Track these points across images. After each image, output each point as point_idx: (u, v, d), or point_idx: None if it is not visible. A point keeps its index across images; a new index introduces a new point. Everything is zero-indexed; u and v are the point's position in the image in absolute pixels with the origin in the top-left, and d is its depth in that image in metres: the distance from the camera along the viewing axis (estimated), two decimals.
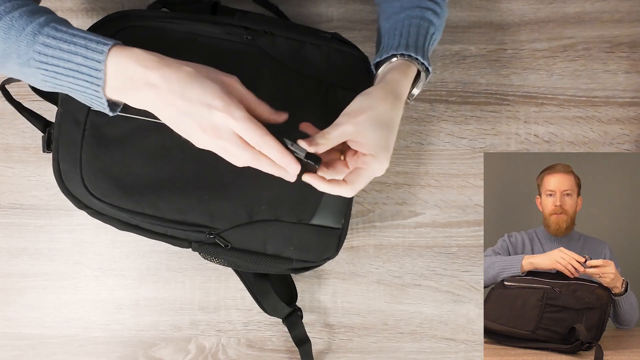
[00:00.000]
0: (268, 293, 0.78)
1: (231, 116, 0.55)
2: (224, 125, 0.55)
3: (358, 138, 0.60)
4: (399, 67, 0.65)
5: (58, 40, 0.55)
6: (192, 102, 0.55)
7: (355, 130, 0.59)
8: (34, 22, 0.56)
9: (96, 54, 0.55)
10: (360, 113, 0.60)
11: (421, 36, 0.67)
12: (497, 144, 0.86)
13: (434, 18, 0.68)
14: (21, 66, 0.56)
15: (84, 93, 0.57)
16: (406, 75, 0.65)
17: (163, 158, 0.69)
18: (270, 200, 0.71)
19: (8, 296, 0.86)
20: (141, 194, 0.69)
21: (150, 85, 0.56)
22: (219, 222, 0.70)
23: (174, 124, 0.58)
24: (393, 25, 0.68)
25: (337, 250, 0.74)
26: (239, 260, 0.72)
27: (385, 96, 0.62)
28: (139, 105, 0.58)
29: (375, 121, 0.60)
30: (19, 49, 0.55)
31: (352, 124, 0.60)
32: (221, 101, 0.55)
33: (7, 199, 0.85)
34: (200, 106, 0.55)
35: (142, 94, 0.56)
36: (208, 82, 0.56)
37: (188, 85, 0.55)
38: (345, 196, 0.62)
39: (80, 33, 0.56)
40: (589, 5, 0.85)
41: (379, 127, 0.60)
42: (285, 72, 0.70)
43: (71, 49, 0.55)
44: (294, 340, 0.82)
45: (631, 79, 0.85)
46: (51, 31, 0.55)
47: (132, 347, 0.86)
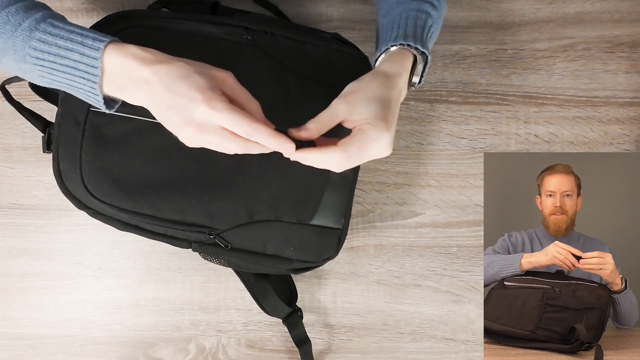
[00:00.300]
0: (268, 293, 0.77)
1: (212, 108, 0.53)
2: (207, 118, 0.54)
3: (352, 116, 0.58)
4: (391, 55, 0.64)
5: (54, 37, 0.55)
6: (178, 95, 0.54)
7: (348, 108, 0.58)
8: (31, 18, 0.55)
9: (92, 50, 0.54)
10: (352, 94, 0.59)
11: (419, 27, 0.65)
12: (497, 144, 0.86)
13: (432, 10, 0.67)
14: (17, 62, 0.56)
15: (80, 90, 0.56)
16: (398, 61, 0.63)
17: (163, 158, 0.69)
18: (270, 200, 0.70)
19: (8, 296, 0.86)
20: (141, 194, 0.69)
21: (144, 80, 0.55)
22: (219, 223, 0.70)
23: (163, 119, 0.57)
24: (390, 20, 0.67)
25: (337, 250, 0.74)
26: (239, 260, 0.72)
27: (374, 77, 0.61)
28: (135, 101, 0.57)
29: (368, 98, 0.58)
30: (14, 45, 0.55)
31: (345, 103, 0.58)
32: (202, 94, 0.53)
33: (7, 199, 0.85)
34: (185, 100, 0.54)
35: (137, 90, 0.55)
36: (196, 77, 0.54)
37: (177, 79, 0.54)
38: (335, 167, 0.58)
39: (76, 29, 0.56)
40: (589, 5, 0.85)
41: (373, 102, 0.58)
42: (285, 72, 0.70)
43: (67, 45, 0.54)
44: (294, 340, 0.81)
45: (631, 79, 0.85)
46: (48, 27, 0.55)
47: (132, 347, 0.86)
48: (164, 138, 0.68)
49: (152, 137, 0.68)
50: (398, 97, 0.62)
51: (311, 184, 0.71)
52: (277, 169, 0.70)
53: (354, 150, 0.57)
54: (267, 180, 0.70)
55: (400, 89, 0.62)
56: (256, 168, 0.70)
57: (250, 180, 0.70)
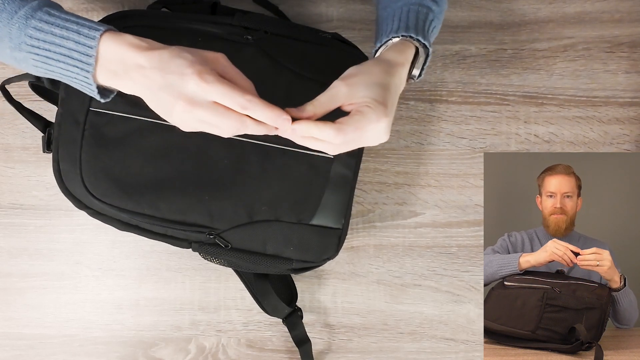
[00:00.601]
0: (268, 293, 0.77)
1: (204, 80, 0.52)
2: (199, 92, 0.52)
3: (352, 99, 0.56)
4: (393, 46, 0.63)
5: (50, 25, 0.54)
6: (168, 74, 0.53)
7: (348, 91, 0.56)
8: (27, 6, 0.55)
9: (88, 39, 0.54)
10: (353, 77, 0.58)
11: (420, 21, 0.65)
12: (497, 144, 0.85)
13: (433, 5, 0.67)
14: (12, 50, 0.56)
15: (74, 79, 0.56)
16: (401, 51, 0.63)
17: (163, 158, 0.68)
18: (270, 200, 0.70)
19: (8, 296, 0.85)
20: (141, 194, 0.68)
21: (138, 66, 0.54)
22: (219, 223, 0.70)
23: (156, 103, 0.55)
24: (391, 12, 0.66)
25: (337, 250, 0.73)
26: (239, 260, 0.72)
27: (377, 62, 0.60)
28: (128, 89, 0.56)
29: (369, 81, 0.57)
30: (10, 32, 0.55)
31: (345, 85, 0.57)
32: (192, 69, 0.52)
33: (7, 199, 0.85)
34: (175, 76, 0.53)
35: (131, 76, 0.55)
36: (185, 54, 0.54)
37: (168, 59, 0.54)
38: (330, 148, 0.56)
39: (72, 18, 0.55)
40: (589, 5, 0.85)
41: (374, 86, 0.57)
42: (285, 72, 0.70)
43: (63, 33, 0.54)
44: (294, 340, 0.81)
45: (631, 78, 0.85)
46: (44, 15, 0.55)
47: (132, 347, 0.86)
48: (165, 138, 0.67)
49: (152, 137, 0.68)
50: (399, 85, 0.61)
51: (311, 184, 0.71)
52: (277, 169, 0.70)
53: (350, 130, 0.55)
54: (267, 180, 0.70)
55: (401, 78, 0.62)
56: (256, 168, 0.69)
57: (250, 180, 0.69)
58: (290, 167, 0.70)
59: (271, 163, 0.69)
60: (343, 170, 0.71)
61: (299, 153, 0.70)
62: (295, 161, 0.70)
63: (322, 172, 0.71)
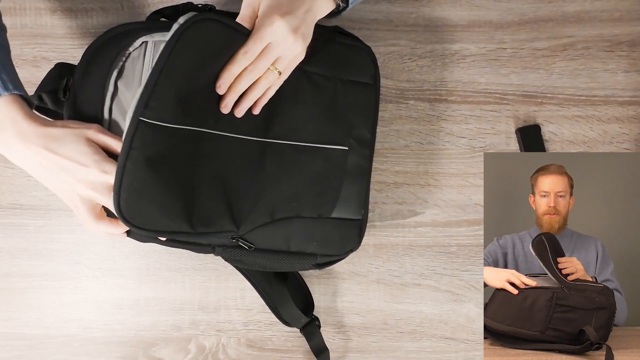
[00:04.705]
0: (286, 302, 0.73)
1: (104, 172, 0.57)
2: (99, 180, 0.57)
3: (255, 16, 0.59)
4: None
5: None
6: (68, 160, 0.57)
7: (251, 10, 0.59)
8: None
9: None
10: None
11: None
12: (497, 144, 0.81)
13: None
14: None
15: None
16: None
17: (191, 168, 0.62)
18: (290, 197, 0.66)
19: (8, 296, 0.81)
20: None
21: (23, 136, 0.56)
22: (242, 225, 0.65)
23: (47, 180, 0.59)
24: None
25: (359, 241, 0.71)
26: (263, 260, 0.67)
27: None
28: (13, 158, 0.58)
29: None
30: None
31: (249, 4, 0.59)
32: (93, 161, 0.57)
33: (7, 199, 0.81)
34: (77, 165, 0.57)
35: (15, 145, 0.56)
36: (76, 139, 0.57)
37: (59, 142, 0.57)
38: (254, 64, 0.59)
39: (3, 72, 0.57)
40: (589, 4, 0.81)
41: None
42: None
43: None
44: (312, 350, 0.78)
45: (630, 78, 0.81)
46: None
47: (132, 347, 0.81)
48: None
49: None
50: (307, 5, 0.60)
51: (329, 177, 0.68)
52: (294, 166, 0.66)
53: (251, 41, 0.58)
54: (286, 178, 0.66)
55: None
56: (274, 167, 0.65)
57: (269, 179, 0.65)
58: (307, 162, 0.67)
59: (287, 160, 0.66)
60: (359, 161, 0.69)
61: (313, 147, 0.67)
62: (311, 156, 0.67)
63: (339, 164, 0.68)
